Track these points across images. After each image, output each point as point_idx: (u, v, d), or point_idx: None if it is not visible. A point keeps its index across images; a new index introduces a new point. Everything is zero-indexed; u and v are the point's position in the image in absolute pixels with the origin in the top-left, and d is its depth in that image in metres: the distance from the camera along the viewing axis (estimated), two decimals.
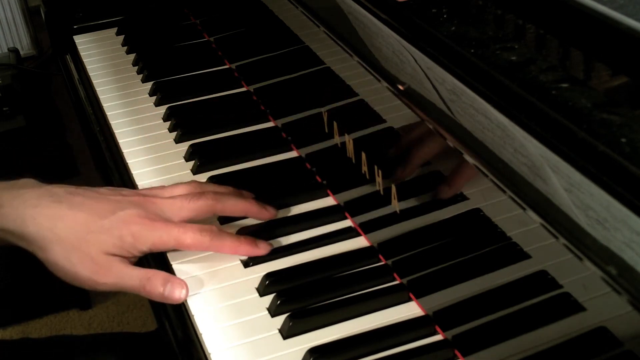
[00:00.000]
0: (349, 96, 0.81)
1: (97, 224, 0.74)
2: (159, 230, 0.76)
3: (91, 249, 0.74)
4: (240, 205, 0.82)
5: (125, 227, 0.75)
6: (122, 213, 0.75)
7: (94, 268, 0.74)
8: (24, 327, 1.85)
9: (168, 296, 0.75)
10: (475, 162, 0.58)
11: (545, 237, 0.52)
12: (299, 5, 0.86)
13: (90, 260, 0.74)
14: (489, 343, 0.65)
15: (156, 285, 0.75)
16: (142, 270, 0.76)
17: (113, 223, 0.75)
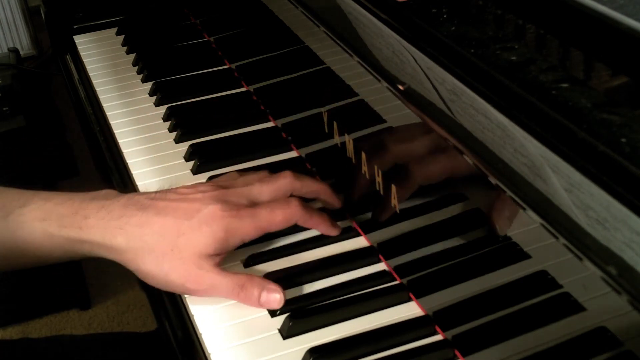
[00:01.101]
0: (349, 96, 0.81)
1: (186, 225, 0.72)
2: (246, 218, 0.74)
3: (183, 253, 0.72)
4: (316, 185, 0.82)
5: (214, 223, 0.73)
6: (207, 210, 0.73)
7: (187, 275, 0.72)
8: (24, 327, 1.85)
9: (265, 303, 0.74)
10: (475, 162, 0.58)
11: (545, 237, 0.52)
12: (299, 5, 0.86)
13: (184, 266, 0.72)
14: (489, 343, 0.65)
15: (252, 293, 0.73)
16: (236, 277, 0.74)
17: (202, 221, 0.73)
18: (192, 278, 0.72)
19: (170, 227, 0.72)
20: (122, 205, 0.74)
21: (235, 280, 0.73)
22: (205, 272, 0.72)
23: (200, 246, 0.72)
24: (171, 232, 0.72)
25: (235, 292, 0.73)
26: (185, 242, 0.72)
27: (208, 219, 0.73)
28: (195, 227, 0.72)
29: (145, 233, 0.72)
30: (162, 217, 0.73)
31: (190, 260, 0.72)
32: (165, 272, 0.72)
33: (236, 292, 0.73)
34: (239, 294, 0.73)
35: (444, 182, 0.68)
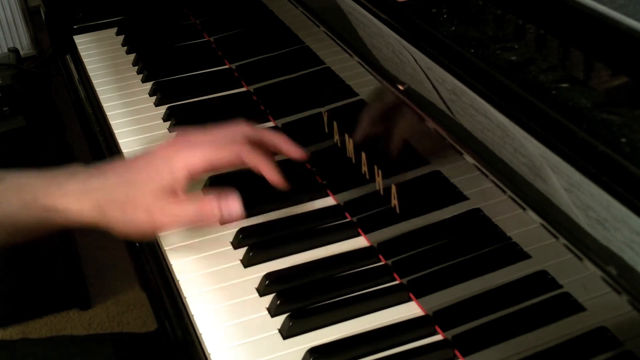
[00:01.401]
0: (349, 96, 0.81)
1: (135, 177, 0.79)
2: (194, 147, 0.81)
3: (139, 199, 0.78)
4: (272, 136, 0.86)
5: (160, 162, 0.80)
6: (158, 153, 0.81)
7: (149, 215, 0.78)
8: (24, 327, 1.85)
9: (228, 217, 0.78)
10: (475, 162, 0.58)
11: (545, 237, 0.52)
12: (299, 5, 0.86)
13: (143, 209, 0.78)
14: (489, 343, 0.65)
15: (212, 211, 0.78)
16: (194, 203, 0.79)
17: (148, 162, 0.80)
18: (155, 212, 0.78)
19: (128, 179, 0.80)
20: (88, 174, 0.81)
21: (195, 206, 0.79)
22: (166, 204, 0.78)
23: (150, 185, 0.79)
24: (129, 183, 0.79)
25: (196, 214, 0.78)
26: (138, 190, 0.79)
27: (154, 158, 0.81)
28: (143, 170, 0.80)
29: (106, 191, 0.79)
30: (119, 176, 0.80)
31: (148, 202, 0.78)
32: (131, 220, 0.78)
33: (198, 214, 0.78)
34: (201, 215, 0.78)
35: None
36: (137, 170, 0.80)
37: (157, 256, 0.85)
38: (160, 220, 0.78)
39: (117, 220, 0.79)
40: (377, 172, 0.78)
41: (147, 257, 0.87)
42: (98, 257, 2.00)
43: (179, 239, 0.85)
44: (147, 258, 0.87)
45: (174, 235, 0.85)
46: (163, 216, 0.78)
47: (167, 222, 0.79)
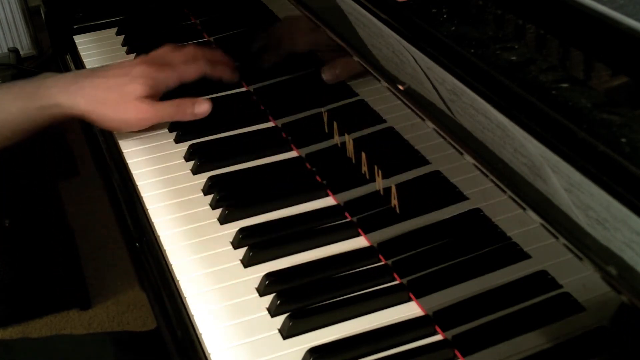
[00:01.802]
0: (349, 96, 0.81)
1: (124, 80, 1.00)
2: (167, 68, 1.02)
3: (130, 98, 0.99)
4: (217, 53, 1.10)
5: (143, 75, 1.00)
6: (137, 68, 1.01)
7: (136, 110, 1.00)
8: (24, 327, 1.85)
9: (198, 112, 1.01)
10: (475, 162, 0.58)
11: (545, 237, 0.52)
12: (299, 5, 0.86)
13: (133, 106, 0.99)
14: (489, 343, 0.65)
15: (186, 107, 1.01)
16: (172, 101, 1.02)
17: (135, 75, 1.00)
18: (141, 110, 1.00)
19: (114, 83, 1.00)
20: (75, 75, 1.05)
21: (173, 102, 1.02)
22: (148, 104, 1.00)
23: (138, 91, 0.99)
24: (116, 87, 1.00)
25: (175, 110, 1.01)
26: (128, 90, 0.99)
27: (139, 74, 1.00)
28: (132, 80, 1.00)
29: (98, 91, 1.00)
30: (107, 79, 1.01)
31: (135, 101, 0.99)
32: (119, 114, 1.00)
33: (176, 111, 1.01)
34: (178, 112, 1.01)
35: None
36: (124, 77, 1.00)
37: (157, 256, 0.85)
38: (144, 115, 1.00)
39: (107, 115, 1.00)
40: (377, 172, 0.78)
41: (147, 257, 0.87)
42: (98, 257, 2.00)
43: (179, 238, 0.85)
44: (147, 258, 0.87)
45: (174, 235, 0.86)
46: (147, 112, 1.00)
47: (151, 116, 1.00)
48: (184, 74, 1.03)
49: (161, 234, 0.86)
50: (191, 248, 0.84)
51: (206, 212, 0.89)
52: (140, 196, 0.93)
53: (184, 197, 0.91)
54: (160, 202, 0.91)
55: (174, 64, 1.03)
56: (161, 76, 1.01)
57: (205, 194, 0.91)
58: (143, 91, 0.99)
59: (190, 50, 1.07)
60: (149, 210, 0.90)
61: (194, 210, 0.89)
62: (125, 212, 0.96)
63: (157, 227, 0.87)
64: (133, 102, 0.99)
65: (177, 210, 0.89)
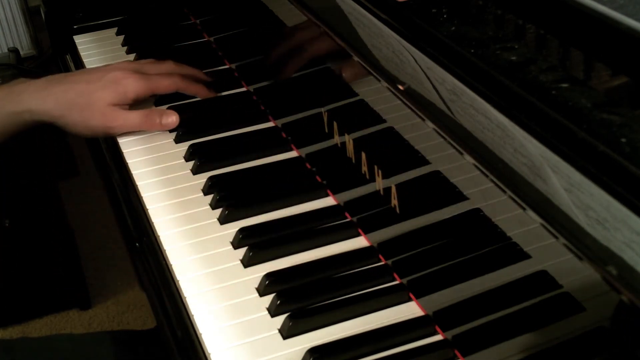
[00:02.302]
0: (349, 96, 0.81)
1: (95, 86, 1.00)
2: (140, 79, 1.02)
3: (98, 104, 0.99)
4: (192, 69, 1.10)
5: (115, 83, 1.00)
6: (110, 75, 1.01)
7: (104, 118, 0.99)
8: (24, 327, 1.85)
9: (165, 124, 1.01)
10: (475, 162, 0.58)
11: (545, 237, 0.52)
12: (299, 5, 0.86)
13: (100, 113, 0.99)
14: (489, 343, 0.65)
15: (154, 118, 1.01)
16: (141, 111, 1.02)
17: (106, 82, 1.00)
18: (109, 118, 1.00)
19: (84, 89, 1.00)
20: (46, 81, 1.02)
21: (142, 113, 1.02)
22: (117, 112, 1.00)
23: (108, 98, 0.99)
24: (86, 92, 0.99)
25: (142, 120, 1.01)
26: (97, 96, 0.99)
27: (111, 80, 1.00)
28: (102, 87, 1.00)
29: (67, 96, 0.99)
30: (77, 84, 1.01)
31: (104, 108, 1.00)
32: (87, 119, 1.00)
33: (143, 121, 1.01)
34: (145, 121, 1.01)
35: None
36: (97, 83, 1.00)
37: (157, 256, 0.85)
38: (111, 123, 1.00)
39: (74, 121, 0.99)
40: (377, 172, 0.78)
41: (147, 257, 0.87)
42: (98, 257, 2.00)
43: (179, 238, 0.85)
44: (147, 258, 0.87)
45: (174, 235, 0.86)
46: (114, 120, 1.00)
47: (118, 125, 1.00)
48: (156, 86, 1.03)
49: (161, 234, 0.86)
50: (191, 248, 0.84)
51: (206, 212, 0.89)
52: (140, 196, 0.93)
53: (184, 197, 0.91)
54: (160, 202, 0.91)
55: (148, 75, 1.03)
56: (132, 85, 1.01)
57: (205, 194, 0.91)
58: (111, 98, 0.99)
59: (168, 65, 1.07)
60: (149, 210, 0.90)
61: (194, 210, 0.89)
62: (125, 212, 0.96)
63: (157, 227, 0.87)
64: (100, 108, 0.99)
65: (177, 210, 0.89)
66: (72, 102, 0.99)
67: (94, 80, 1.00)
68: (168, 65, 1.07)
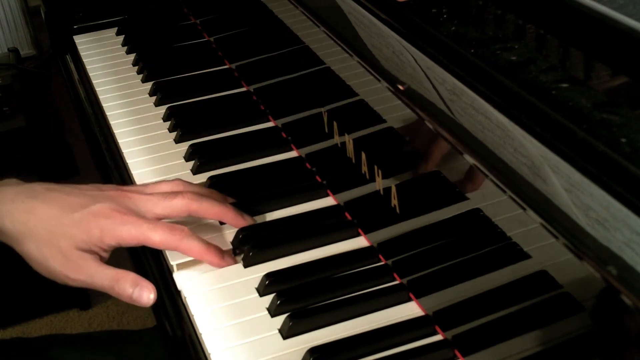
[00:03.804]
0: (349, 96, 0.81)
1: (68, 217, 0.75)
2: (127, 224, 0.76)
3: (61, 243, 0.75)
4: (216, 209, 0.82)
5: (94, 220, 0.75)
6: (94, 207, 0.76)
7: (65, 263, 0.75)
8: (24, 327, 1.85)
9: (136, 299, 0.75)
10: (475, 162, 0.58)
11: (545, 237, 0.52)
12: (299, 5, 0.86)
13: (62, 254, 0.75)
14: (489, 343, 0.65)
15: (125, 287, 0.75)
16: (113, 271, 0.76)
17: (83, 216, 0.75)
18: (71, 267, 0.75)
19: (53, 216, 0.76)
20: (16, 192, 0.78)
21: (112, 274, 0.76)
22: (84, 262, 0.75)
23: (77, 240, 0.75)
24: (53, 221, 0.75)
25: (111, 285, 0.75)
26: (63, 232, 0.75)
27: (90, 215, 0.76)
28: (76, 221, 0.75)
29: (29, 219, 0.76)
30: (49, 206, 0.76)
31: (69, 251, 0.75)
32: (45, 257, 0.76)
33: (111, 285, 0.75)
34: (114, 287, 0.75)
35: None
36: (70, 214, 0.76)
37: (157, 256, 0.85)
38: (73, 275, 0.76)
39: (29, 255, 0.76)
40: (377, 172, 0.78)
41: (147, 257, 0.87)
42: None
43: None
44: (147, 258, 0.87)
45: None
46: (77, 272, 0.75)
47: (80, 279, 0.76)
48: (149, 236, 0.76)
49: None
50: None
51: None
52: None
53: None
54: None
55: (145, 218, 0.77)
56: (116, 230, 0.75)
57: None
58: (81, 241, 0.75)
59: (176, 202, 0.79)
60: None
61: None
62: None
63: None
64: (64, 250, 0.75)
65: None
66: (32, 230, 0.75)
67: (72, 209, 0.76)
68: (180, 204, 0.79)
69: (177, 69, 1.17)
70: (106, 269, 0.76)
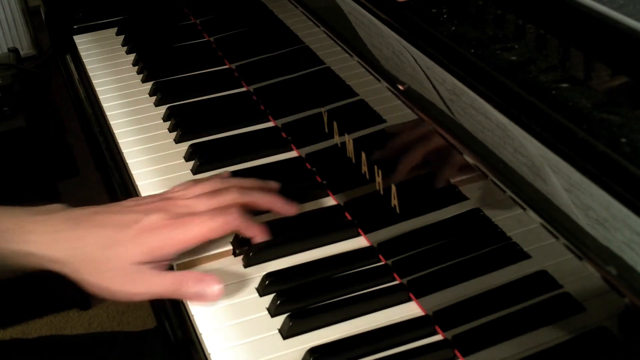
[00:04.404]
0: (349, 96, 0.81)
1: (123, 235, 0.75)
2: (185, 226, 0.76)
3: (120, 262, 0.74)
4: (265, 198, 0.83)
5: (151, 233, 0.75)
6: (146, 220, 0.76)
7: (126, 281, 0.74)
8: (24, 327, 1.85)
9: (203, 296, 0.75)
10: (475, 162, 0.58)
11: (545, 237, 0.52)
12: (299, 5, 0.86)
13: (121, 273, 0.74)
14: (489, 343, 0.65)
15: (188, 287, 0.75)
16: (173, 275, 0.76)
17: (138, 231, 0.75)
18: (131, 283, 0.75)
19: (107, 237, 0.75)
20: (63, 220, 0.77)
21: (173, 278, 0.75)
22: (142, 274, 0.75)
23: (137, 255, 0.75)
24: (108, 243, 0.75)
25: (174, 289, 0.75)
26: (121, 251, 0.75)
27: (145, 228, 0.75)
28: (132, 237, 0.75)
29: (84, 245, 0.75)
30: (100, 229, 0.76)
31: (128, 269, 0.74)
32: (104, 281, 0.75)
33: (175, 289, 0.75)
34: (178, 291, 0.75)
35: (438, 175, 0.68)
36: (125, 231, 0.75)
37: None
38: (135, 290, 0.75)
39: (88, 281, 0.76)
40: (377, 172, 0.78)
41: None
42: None
43: None
44: None
45: None
46: (139, 286, 0.75)
47: (142, 292, 0.75)
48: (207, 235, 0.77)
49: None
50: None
51: None
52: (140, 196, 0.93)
53: None
54: None
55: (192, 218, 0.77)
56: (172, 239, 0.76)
57: None
58: (142, 257, 0.75)
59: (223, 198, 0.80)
60: None
61: None
62: None
63: None
64: (122, 268, 0.74)
65: None
66: (88, 256, 0.75)
67: (124, 226, 0.75)
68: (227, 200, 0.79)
69: (177, 69, 1.17)
70: (165, 275, 0.76)
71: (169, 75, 1.16)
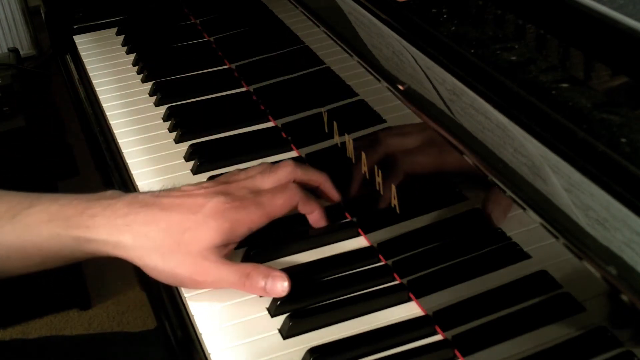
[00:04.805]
0: (349, 96, 0.81)
1: (191, 220, 0.74)
2: (251, 206, 0.76)
3: (190, 247, 0.74)
4: (317, 175, 0.84)
5: (219, 215, 0.75)
6: (210, 203, 0.75)
7: (193, 268, 0.74)
8: (24, 327, 1.85)
9: (270, 290, 0.74)
10: (475, 162, 0.58)
11: (545, 237, 0.52)
12: (299, 5, 0.86)
13: (190, 260, 0.74)
14: (489, 343, 0.65)
15: (257, 280, 0.74)
16: (241, 266, 0.76)
17: (207, 214, 0.74)
18: (199, 270, 0.74)
19: (175, 222, 0.74)
20: (128, 204, 0.76)
21: (242, 270, 0.75)
22: (211, 263, 0.74)
23: (207, 239, 0.74)
24: (177, 228, 0.74)
25: (241, 281, 0.75)
26: (191, 236, 0.74)
27: (212, 212, 0.74)
28: (201, 222, 0.74)
29: (151, 230, 0.74)
30: (167, 213, 0.75)
31: (197, 254, 0.74)
32: (172, 267, 0.74)
33: (242, 282, 0.75)
34: (245, 283, 0.75)
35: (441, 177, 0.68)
36: (192, 216, 0.74)
37: None
38: (201, 278, 0.75)
39: (155, 267, 0.74)
40: (377, 172, 0.78)
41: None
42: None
43: None
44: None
45: None
46: (205, 274, 0.74)
47: (208, 280, 0.75)
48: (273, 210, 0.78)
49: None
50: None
51: None
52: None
53: None
54: None
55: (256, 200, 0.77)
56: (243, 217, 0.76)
57: None
58: (213, 240, 0.74)
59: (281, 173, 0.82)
60: None
61: None
62: None
63: None
64: (193, 253, 0.74)
65: None
66: (156, 241, 0.74)
67: (191, 211, 0.74)
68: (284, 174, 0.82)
69: (177, 69, 1.17)
70: (233, 265, 0.75)
71: (169, 75, 1.16)
